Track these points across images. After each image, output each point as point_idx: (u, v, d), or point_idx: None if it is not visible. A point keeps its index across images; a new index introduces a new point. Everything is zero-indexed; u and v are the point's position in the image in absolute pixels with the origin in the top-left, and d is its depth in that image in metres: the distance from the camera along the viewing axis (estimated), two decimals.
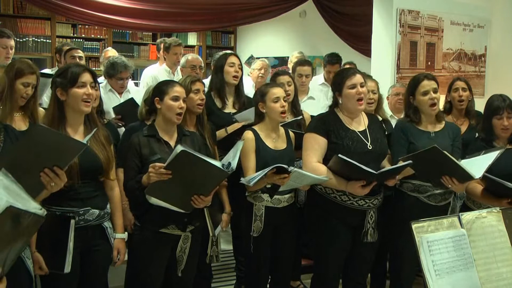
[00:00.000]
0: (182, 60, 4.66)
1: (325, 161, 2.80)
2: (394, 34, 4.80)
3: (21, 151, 1.99)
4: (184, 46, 8.01)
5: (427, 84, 3.00)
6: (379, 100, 3.61)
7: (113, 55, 4.84)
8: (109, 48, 5.79)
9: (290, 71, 5.39)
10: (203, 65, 4.63)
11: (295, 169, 2.63)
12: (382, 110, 3.71)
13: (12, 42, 4.25)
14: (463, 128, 3.58)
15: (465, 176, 2.71)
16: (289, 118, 3.48)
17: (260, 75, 4.93)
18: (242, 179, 2.80)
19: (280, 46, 7.98)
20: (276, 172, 2.66)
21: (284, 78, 3.57)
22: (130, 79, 4.46)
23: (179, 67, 4.82)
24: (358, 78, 2.83)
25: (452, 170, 2.72)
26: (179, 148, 2.35)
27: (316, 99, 4.48)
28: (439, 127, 3.07)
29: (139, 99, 4.02)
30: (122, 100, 4.11)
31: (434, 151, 2.64)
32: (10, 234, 1.48)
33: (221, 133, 3.40)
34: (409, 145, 2.95)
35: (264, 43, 8.22)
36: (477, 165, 2.77)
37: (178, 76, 4.82)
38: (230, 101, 3.59)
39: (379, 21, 4.89)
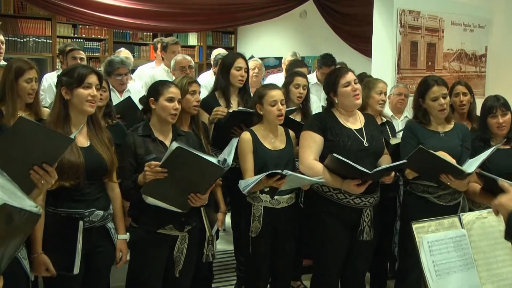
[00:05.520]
0: (172, 62, 4.64)
1: (322, 158, 2.81)
2: (395, 34, 4.79)
3: (8, 147, 1.95)
4: (184, 46, 8.09)
5: (437, 90, 3.01)
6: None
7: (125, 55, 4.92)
8: (122, 49, 5.77)
9: (283, 72, 5.40)
10: (192, 64, 4.59)
11: (290, 172, 2.64)
12: (385, 112, 3.74)
13: (2, 37, 4.25)
14: None
15: (458, 172, 2.73)
16: (297, 118, 3.53)
17: (254, 74, 4.91)
18: (239, 184, 2.79)
19: (281, 46, 7.97)
20: (272, 175, 2.66)
21: (303, 80, 3.59)
22: (133, 79, 4.48)
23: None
24: (351, 75, 2.86)
25: (445, 167, 2.75)
26: (174, 144, 2.34)
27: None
28: (449, 127, 3.08)
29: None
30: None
31: (421, 151, 2.68)
32: (5, 232, 1.48)
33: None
34: (418, 145, 2.95)
35: (265, 43, 8.22)
36: (473, 162, 2.80)
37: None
38: (235, 101, 3.59)
39: (380, 21, 4.89)
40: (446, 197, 2.99)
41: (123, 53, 5.35)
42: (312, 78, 5.23)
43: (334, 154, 2.63)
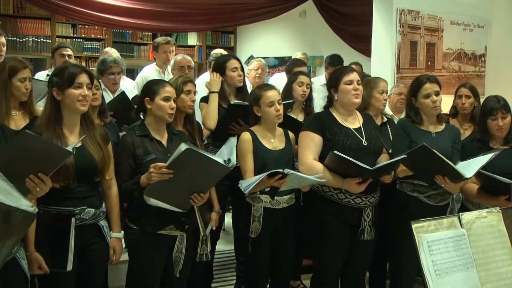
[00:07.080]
0: (171, 61, 4.64)
1: (322, 158, 2.81)
2: (394, 34, 4.80)
3: (7, 156, 1.98)
4: (184, 46, 8.09)
5: (429, 87, 3.00)
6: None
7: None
8: (109, 48, 5.76)
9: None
10: (192, 64, 4.59)
11: (292, 171, 2.63)
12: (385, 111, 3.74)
13: (3, 39, 4.25)
14: (467, 133, 3.60)
15: (456, 175, 2.73)
16: (300, 118, 3.55)
17: (257, 75, 4.89)
18: (239, 184, 2.79)
19: (280, 46, 7.98)
20: (273, 175, 2.66)
21: (306, 79, 3.63)
22: (123, 78, 4.45)
23: (169, 68, 4.79)
24: (355, 75, 2.86)
25: (443, 169, 2.75)
26: (183, 146, 2.33)
27: (316, 99, 4.47)
28: (440, 128, 3.08)
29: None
30: None
31: (424, 149, 2.67)
32: (1, 231, 1.49)
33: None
34: (410, 143, 2.95)
35: (264, 43, 8.22)
36: (471, 166, 2.79)
37: (168, 75, 4.79)
38: (232, 100, 3.59)
39: (379, 21, 4.89)
40: (436, 197, 2.99)
41: (111, 52, 5.31)
42: (321, 79, 5.21)
43: (335, 152, 2.63)
